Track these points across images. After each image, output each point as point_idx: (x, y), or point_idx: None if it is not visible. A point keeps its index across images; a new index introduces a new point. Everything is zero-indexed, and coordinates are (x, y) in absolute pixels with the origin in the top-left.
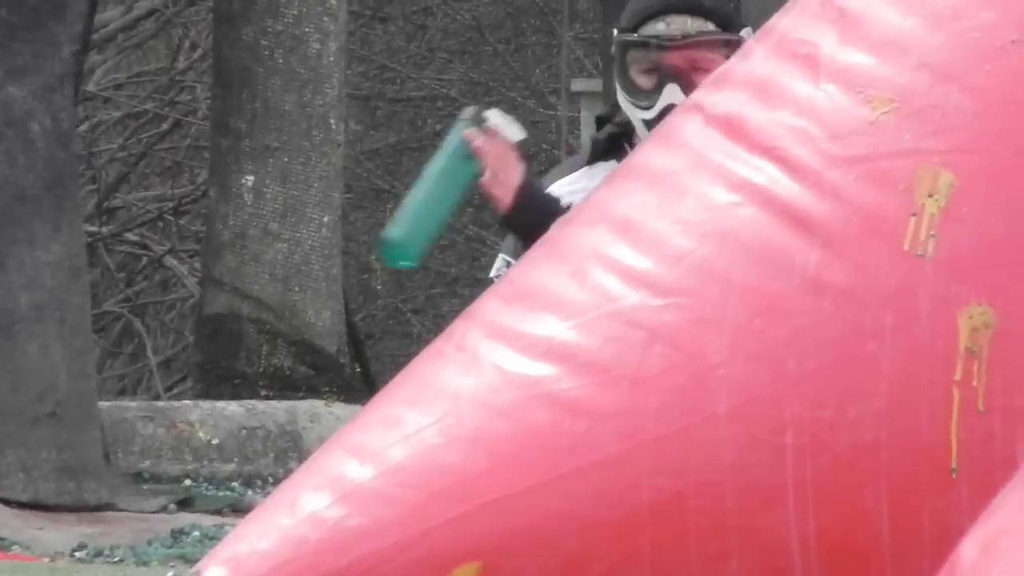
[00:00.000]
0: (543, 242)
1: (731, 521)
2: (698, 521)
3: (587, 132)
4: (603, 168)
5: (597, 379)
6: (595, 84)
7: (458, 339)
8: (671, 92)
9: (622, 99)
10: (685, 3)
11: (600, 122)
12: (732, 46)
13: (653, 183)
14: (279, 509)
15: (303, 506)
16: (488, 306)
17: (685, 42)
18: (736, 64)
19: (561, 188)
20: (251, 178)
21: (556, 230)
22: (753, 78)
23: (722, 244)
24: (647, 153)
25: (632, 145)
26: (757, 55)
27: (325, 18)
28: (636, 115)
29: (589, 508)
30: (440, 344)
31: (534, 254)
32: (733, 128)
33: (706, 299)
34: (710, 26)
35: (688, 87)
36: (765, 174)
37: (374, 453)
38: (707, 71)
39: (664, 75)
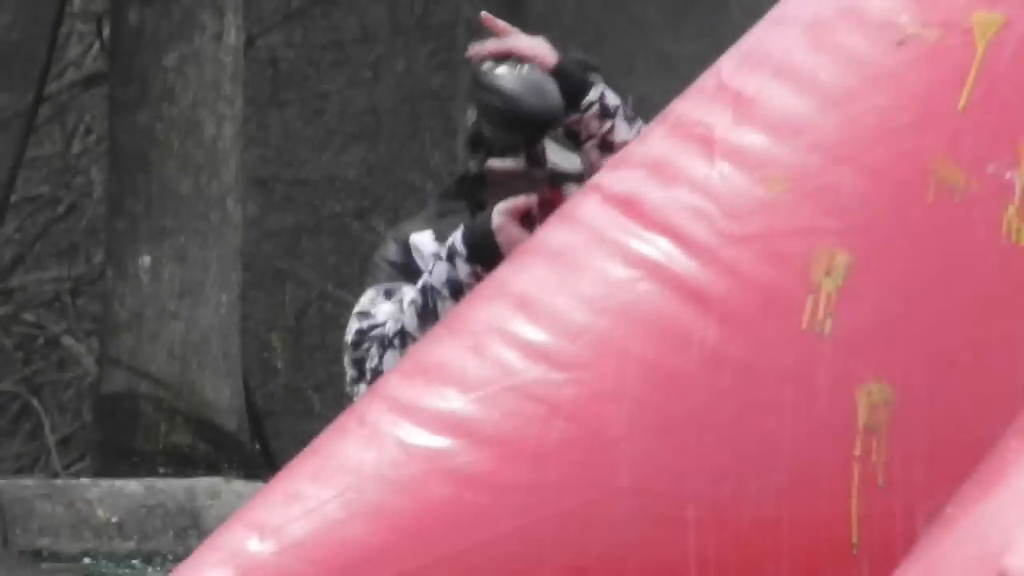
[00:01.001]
0: (445, 319)
1: None
2: None
3: None
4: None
5: (498, 452)
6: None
7: (360, 414)
8: (570, 159)
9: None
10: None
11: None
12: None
13: (552, 259)
14: None
15: None
16: (389, 381)
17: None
18: (634, 146)
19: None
20: (148, 259)
21: (458, 307)
22: (649, 158)
23: (620, 319)
24: (547, 231)
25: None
26: (654, 137)
27: (220, 103)
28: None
29: None
30: (343, 419)
31: (436, 330)
32: (630, 206)
33: (605, 373)
34: None
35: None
36: (662, 251)
37: (275, 528)
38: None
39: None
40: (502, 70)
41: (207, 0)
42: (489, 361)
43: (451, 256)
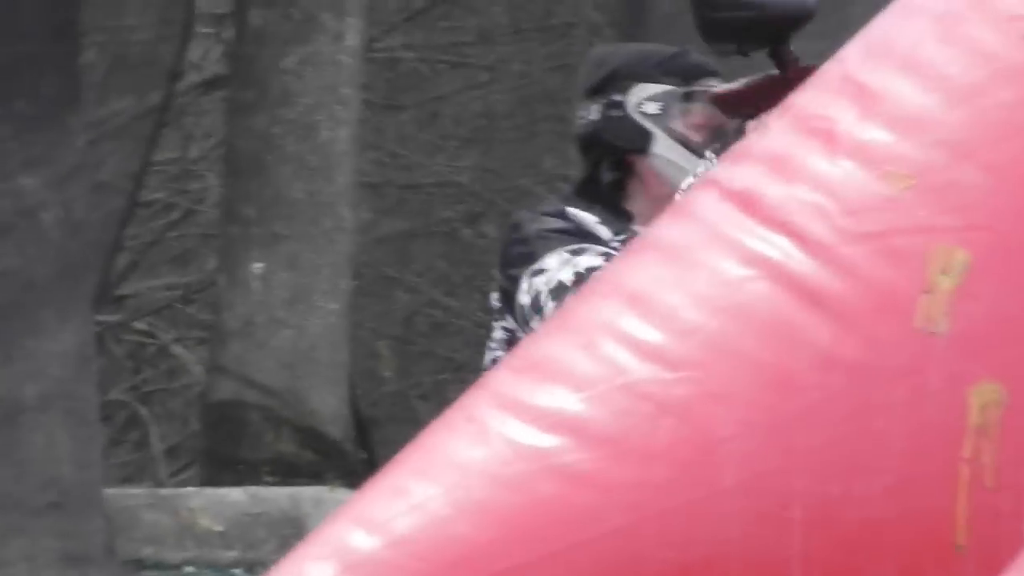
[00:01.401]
0: (557, 314)
1: None
2: None
3: None
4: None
5: (605, 452)
6: None
7: (468, 410)
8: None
9: (666, 151)
10: (704, 67)
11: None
12: None
13: (666, 256)
14: None
15: None
16: (498, 377)
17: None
18: (754, 140)
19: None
20: (260, 265)
21: (571, 303)
22: (770, 153)
23: (734, 318)
24: (662, 227)
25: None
26: (775, 131)
27: (337, 106)
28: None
29: None
30: (450, 415)
31: (547, 326)
32: (748, 202)
33: (717, 373)
34: None
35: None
36: (779, 249)
37: (381, 523)
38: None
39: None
40: None
41: (329, 1)
42: (600, 359)
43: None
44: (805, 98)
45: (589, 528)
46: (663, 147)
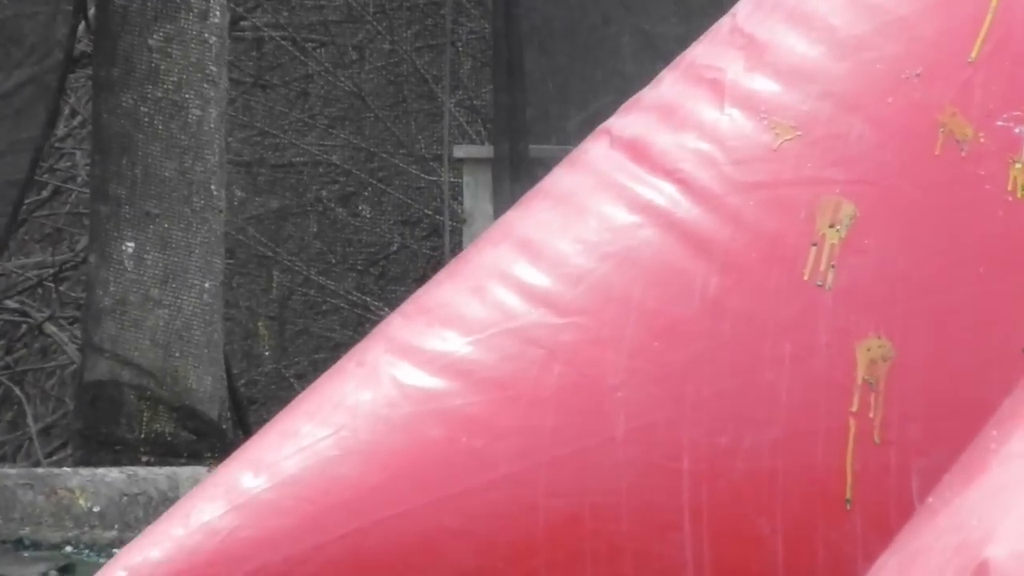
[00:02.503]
0: (451, 262)
1: (627, 545)
2: (594, 544)
3: (470, 198)
4: None
5: (494, 396)
6: (477, 151)
7: (359, 354)
8: None
9: None
10: None
11: None
12: None
13: (557, 203)
14: (173, 520)
15: (197, 516)
16: (390, 323)
17: None
18: (647, 91)
19: None
20: (131, 244)
21: (465, 250)
22: (660, 102)
23: (622, 265)
24: (555, 175)
25: None
26: (666, 81)
27: (205, 85)
28: None
29: (485, 528)
30: (343, 361)
31: (440, 273)
32: (638, 150)
33: (605, 319)
34: None
35: None
36: (667, 196)
37: (269, 464)
38: None
39: None
40: None
41: None
42: (490, 304)
43: None
44: (696, 50)
45: (477, 475)
46: None
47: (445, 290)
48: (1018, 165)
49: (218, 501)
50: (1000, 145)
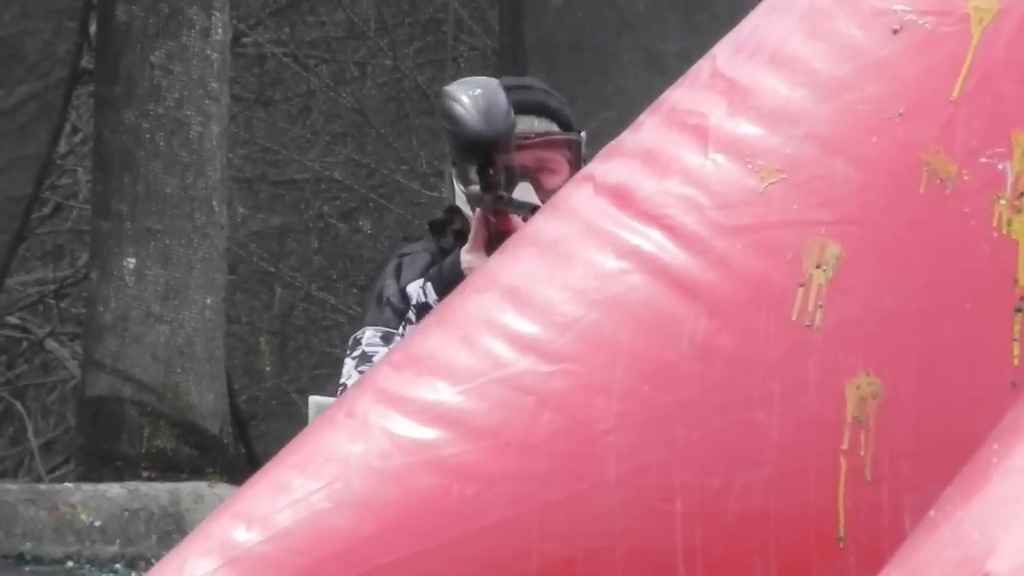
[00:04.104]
0: (436, 310)
1: None
2: None
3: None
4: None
5: (486, 444)
6: None
7: (349, 406)
8: (523, 190)
9: (464, 205)
10: (532, 105)
11: (437, 225)
12: (573, 147)
13: (543, 251)
14: (166, 573)
15: (190, 571)
16: (380, 373)
17: (536, 141)
18: (627, 136)
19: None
20: (133, 260)
21: (449, 298)
22: (643, 148)
23: (610, 311)
24: (538, 222)
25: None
26: (647, 126)
27: (207, 101)
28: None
29: (478, 574)
30: (332, 411)
31: (427, 322)
32: (622, 197)
33: (594, 365)
34: (555, 127)
35: (537, 186)
36: (653, 242)
37: (262, 518)
38: (553, 171)
39: (515, 173)
40: (457, 90)
41: None
42: (479, 353)
43: (423, 315)
44: (676, 95)
45: (470, 522)
46: (461, 202)
47: (433, 340)
48: (1002, 201)
49: (211, 556)
50: (984, 182)
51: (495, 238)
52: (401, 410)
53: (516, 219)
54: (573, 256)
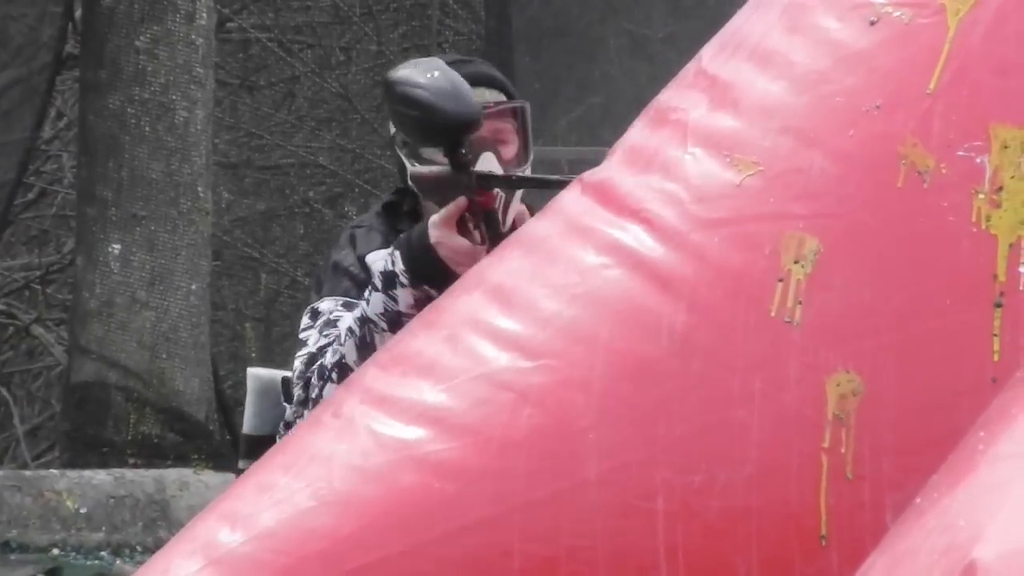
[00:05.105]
0: (424, 311)
1: None
2: None
3: None
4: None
5: (466, 441)
6: None
7: (335, 406)
8: (487, 160)
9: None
10: (480, 76)
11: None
12: (519, 115)
13: (528, 250)
14: (151, 575)
15: (175, 572)
16: (366, 374)
17: (493, 111)
18: (620, 139)
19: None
20: (118, 246)
21: (438, 300)
22: (627, 146)
23: (589, 306)
24: (530, 224)
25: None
26: (635, 126)
27: (192, 86)
28: None
29: (460, 573)
30: (318, 412)
31: (414, 322)
32: (604, 193)
33: (574, 361)
34: (503, 97)
35: (497, 156)
36: (632, 235)
37: (246, 518)
38: (505, 142)
39: (478, 145)
40: (412, 75)
41: None
42: (463, 351)
43: (389, 283)
44: (663, 95)
45: (452, 519)
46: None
47: (419, 340)
48: (981, 195)
49: (195, 556)
50: (962, 176)
51: (481, 217)
52: (386, 410)
53: (497, 194)
54: (556, 253)
